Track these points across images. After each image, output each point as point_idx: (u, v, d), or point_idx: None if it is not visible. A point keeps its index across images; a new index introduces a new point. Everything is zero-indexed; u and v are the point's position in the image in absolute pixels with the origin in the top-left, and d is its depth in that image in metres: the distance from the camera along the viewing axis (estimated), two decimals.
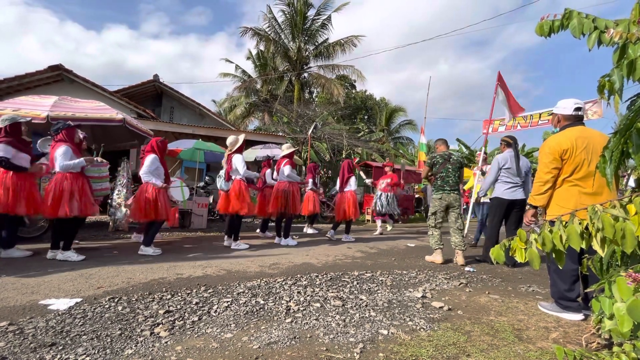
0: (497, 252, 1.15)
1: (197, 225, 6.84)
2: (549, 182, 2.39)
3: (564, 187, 2.38)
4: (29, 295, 2.40)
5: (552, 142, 2.41)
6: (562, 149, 2.34)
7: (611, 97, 1.30)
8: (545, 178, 2.40)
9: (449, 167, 4.15)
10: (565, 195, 2.36)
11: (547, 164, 2.40)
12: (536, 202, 2.46)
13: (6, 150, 3.46)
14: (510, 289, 3.08)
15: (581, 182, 2.31)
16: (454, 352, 1.76)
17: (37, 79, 8.50)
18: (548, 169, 2.39)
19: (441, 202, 4.13)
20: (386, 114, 23.74)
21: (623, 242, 0.80)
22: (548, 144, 2.43)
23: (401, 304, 2.52)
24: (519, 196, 4.02)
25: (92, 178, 4.04)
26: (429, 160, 4.35)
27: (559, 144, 2.37)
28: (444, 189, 4.14)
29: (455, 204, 4.12)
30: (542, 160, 2.45)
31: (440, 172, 4.17)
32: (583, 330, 2.12)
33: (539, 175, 2.44)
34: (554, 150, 2.37)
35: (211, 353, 1.67)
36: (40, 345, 1.67)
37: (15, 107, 4.57)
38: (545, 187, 2.41)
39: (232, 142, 4.77)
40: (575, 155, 2.32)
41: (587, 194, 2.28)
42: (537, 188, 2.44)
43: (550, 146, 2.40)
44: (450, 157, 4.21)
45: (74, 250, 3.63)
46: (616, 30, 1.15)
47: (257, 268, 3.52)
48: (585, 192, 2.29)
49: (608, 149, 1.27)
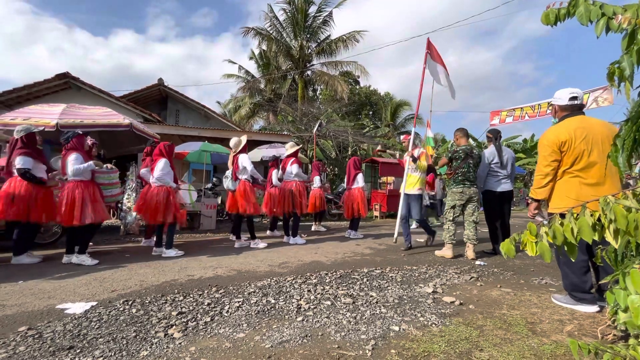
0: (508, 246, 1.14)
1: (206, 226, 6.90)
2: (550, 174, 2.36)
3: (564, 179, 2.35)
4: (46, 300, 2.46)
5: (550, 134, 2.38)
6: (560, 141, 2.31)
7: (621, 84, 1.27)
8: (545, 171, 2.37)
9: (470, 162, 4.13)
10: (567, 187, 2.33)
11: (546, 156, 2.37)
12: (538, 195, 2.44)
13: (26, 161, 3.59)
14: (522, 282, 3.05)
15: (582, 173, 2.28)
16: (467, 347, 1.75)
17: (45, 88, 8.66)
18: (547, 161, 2.36)
19: (462, 196, 4.10)
20: (391, 108, 23.59)
21: (637, 233, 0.79)
22: (546, 136, 2.41)
23: (412, 299, 2.51)
24: (507, 188, 4.24)
25: (103, 185, 4.11)
26: (450, 154, 4.29)
27: (557, 135, 2.33)
28: (464, 183, 4.11)
29: (474, 197, 4.13)
30: (541, 153, 2.42)
31: (461, 167, 4.13)
32: (598, 322, 2.08)
33: (539, 168, 2.42)
34: (552, 143, 2.34)
35: (224, 353, 1.69)
36: (59, 349, 1.71)
37: (25, 116, 4.66)
38: (545, 179, 2.38)
39: (236, 144, 4.81)
40: (575, 146, 2.28)
41: (589, 185, 2.25)
42: (538, 181, 2.41)
43: (549, 139, 2.37)
44: (473, 152, 4.18)
45: (89, 255, 3.70)
46: (624, 16, 1.12)
47: (266, 267, 3.55)
48: (586, 182, 2.26)
49: (620, 137, 1.24)
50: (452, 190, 4.17)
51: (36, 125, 4.02)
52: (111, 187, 4.42)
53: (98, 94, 9.12)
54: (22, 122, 4.24)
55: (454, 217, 4.14)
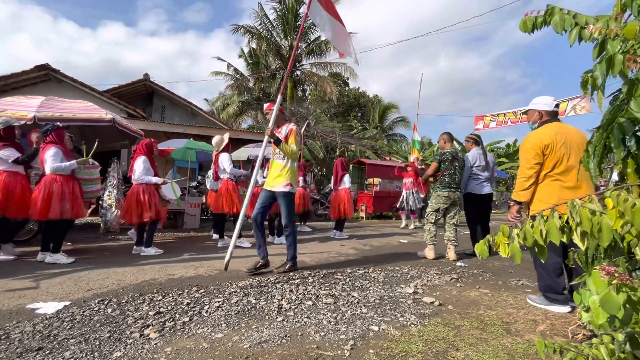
0: (482, 247, 1.16)
1: (189, 225, 6.79)
2: (532, 177, 2.42)
3: (545, 182, 2.42)
4: (16, 300, 2.37)
5: (533, 137, 2.44)
6: (543, 144, 2.37)
7: (594, 93, 1.31)
8: (528, 173, 2.42)
9: (457, 165, 4.19)
10: (548, 190, 2.39)
11: (529, 159, 2.42)
12: (520, 197, 2.48)
13: (13, 152, 3.53)
14: (500, 283, 3.12)
15: (562, 177, 2.35)
16: (444, 346, 1.78)
17: (23, 79, 8.34)
18: (530, 164, 2.41)
19: (447, 200, 4.15)
20: (379, 111, 23.78)
21: (600, 235, 0.82)
22: (529, 140, 2.46)
23: (393, 300, 2.54)
24: (486, 191, 4.35)
25: (83, 180, 3.99)
26: (439, 157, 4.29)
27: (540, 139, 2.40)
28: (451, 186, 4.15)
29: (457, 202, 4.21)
30: (524, 156, 2.46)
31: (448, 170, 4.18)
32: (569, 322, 2.15)
33: (522, 171, 2.46)
34: (536, 146, 2.39)
35: (201, 354, 1.67)
36: (27, 350, 1.65)
37: (1, 108, 4.47)
38: (529, 182, 2.43)
39: (218, 142, 4.76)
40: (556, 150, 2.35)
41: (568, 188, 2.32)
42: (521, 184, 2.46)
43: (532, 142, 2.42)
44: (458, 155, 4.25)
45: (64, 253, 3.58)
46: (595, 26, 1.17)
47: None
48: (566, 186, 2.33)
49: (592, 143, 1.29)
50: (438, 194, 4.21)
51: (13, 118, 3.87)
52: (91, 183, 4.29)
53: (80, 87, 8.85)
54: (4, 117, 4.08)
55: (436, 219, 4.20)
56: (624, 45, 1.12)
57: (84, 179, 4.06)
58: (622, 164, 1.11)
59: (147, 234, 4.11)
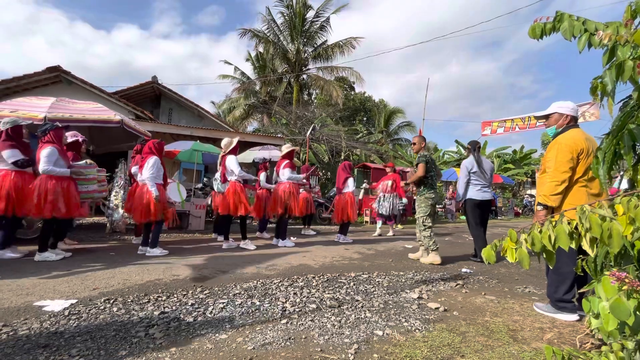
0: (488, 252, 1.15)
1: (195, 226, 6.83)
2: (567, 181, 2.24)
3: (575, 188, 2.28)
4: (23, 297, 2.40)
5: (569, 140, 2.27)
6: (579, 148, 2.23)
7: (604, 99, 1.31)
8: (562, 177, 2.23)
9: (433, 166, 4.28)
10: (578, 196, 2.26)
11: (564, 162, 2.23)
12: (551, 202, 2.27)
13: (15, 153, 3.53)
14: (506, 290, 3.08)
15: (589, 183, 2.26)
16: (449, 352, 1.76)
17: (35, 80, 8.49)
18: (565, 168, 2.23)
19: (433, 201, 4.22)
20: (385, 115, 23.79)
21: (610, 241, 0.81)
22: (564, 142, 2.28)
23: (397, 305, 2.52)
24: (487, 197, 4.34)
25: (78, 179, 4.00)
26: (423, 158, 4.22)
27: (576, 143, 2.24)
28: (434, 187, 4.24)
29: (436, 203, 4.30)
30: (559, 159, 2.26)
31: (430, 172, 4.23)
32: (577, 330, 2.12)
33: (555, 174, 2.26)
34: (572, 149, 2.23)
35: (205, 354, 1.67)
36: (34, 347, 1.67)
37: (13, 108, 4.56)
38: (562, 187, 2.24)
39: (227, 144, 4.79)
40: (589, 155, 2.23)
41: (594, 195, 2.25)
42: (553, 188, 2.26)
43: (568, 144, 2.25)
44: (432, 158, 4.35)
45: (51, 250, 3.61)
46: (605, 33, 1.16)
47: (253, 269, 3.52)
48: (592, 193, 2.26)
49: (601, 149, 1.28)
50: (425, 196, 4.20)
51: (24, 118, 3.94)
52: (86, 183, 4.28)
53: (89, 89, 8.99)
54: (9, 115, 4.14)
55: (433, 223, 4.27)
56: (634, 52, 1.12)
57: (79, 179, 4.06)
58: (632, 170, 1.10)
59: (153, 234, 4.13)
